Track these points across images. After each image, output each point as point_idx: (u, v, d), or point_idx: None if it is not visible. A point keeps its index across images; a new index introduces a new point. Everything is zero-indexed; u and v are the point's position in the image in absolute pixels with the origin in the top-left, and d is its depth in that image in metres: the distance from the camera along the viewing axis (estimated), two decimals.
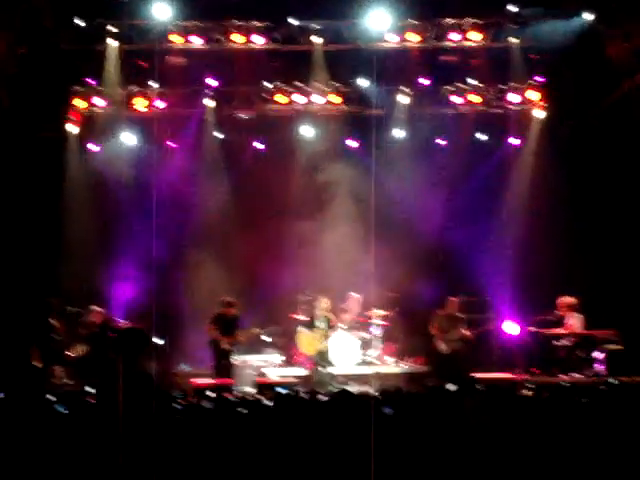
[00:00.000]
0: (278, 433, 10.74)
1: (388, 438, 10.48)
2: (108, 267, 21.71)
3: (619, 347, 19.39)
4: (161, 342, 22.25)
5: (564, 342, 19.65)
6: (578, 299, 20.03)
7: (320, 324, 20.27)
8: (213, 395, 14.26)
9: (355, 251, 22.46)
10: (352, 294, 22.10)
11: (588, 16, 19.66)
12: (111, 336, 19.05)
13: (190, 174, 23.10)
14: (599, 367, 19.21)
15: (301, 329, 20.86)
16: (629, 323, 20.29)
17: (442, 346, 20.57)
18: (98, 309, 19.96)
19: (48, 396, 12.61)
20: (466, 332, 20.52)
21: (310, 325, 20.43)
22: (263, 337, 21.57)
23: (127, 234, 22.26)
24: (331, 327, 20.34)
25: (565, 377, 18.68)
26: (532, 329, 20.00)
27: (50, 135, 21.99)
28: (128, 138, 22.70)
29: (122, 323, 20.35)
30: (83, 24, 19.80)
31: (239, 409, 12.04)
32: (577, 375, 18.97)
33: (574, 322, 19.79)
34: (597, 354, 19.31)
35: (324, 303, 20.46)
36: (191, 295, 21.81)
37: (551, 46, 21.81)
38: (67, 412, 11.19)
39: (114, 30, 20.82)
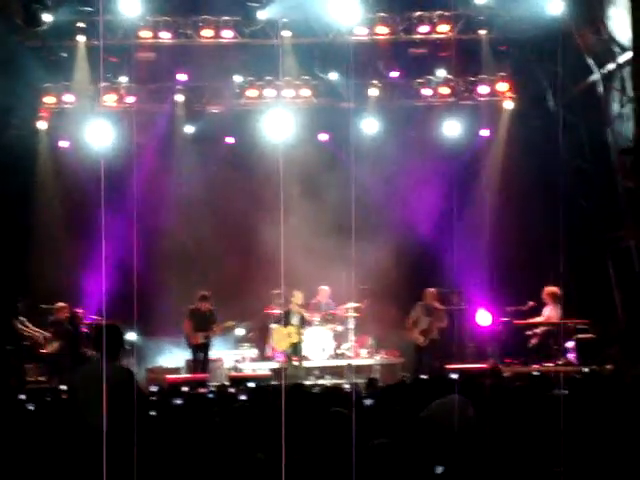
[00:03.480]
0: (252, 427, 10.74)
1: (365, 431, 10.50)
2: (80, 264, 21.61)
3: (591, 336, 19.51)
4: (135, 338, 22.29)
5: (536, 331, 19.76)
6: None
7: (294, 319, 20.30)
8: (187, 390, 14.31)
9: (327, 243, 22.53)
10: (322, 287, 22.17)
11: (556, 7, 19.72)
12: (85, 332, 19.04)
13: (161, 169, 23.07)
14: (571, 356, 19.34)
15: (274, 324, 20.91)
16: (602, 312, 20.43)
17: (419, 338, 20.60)
18: (64, 305, 19.89)
19: (21, 395, 12.61)
20: (442, 323, 20.57)
21: (284, 320, 20.45)
22: (237, 331, 21.60)
23: (98, 230, 22.14)
24: (305, 322, 20.35)
25: (537, 367, 18.77)
26: (505, 319, 20.10)
27: (20, 132, 21.91)
28: (98, 134, 22.61)
29: (93, 319, 20.30)
30: (51, 20, 19.63)
31: (213, 404, 12.04)
32: (549, 364, 19.07)
33: (550, 312, 19.88)
34: (569, 343, 19.42)
35: (297, 297, 20.49)
36: (165, 290, 21.74)
37: (520, 37, 21.93)
38: (39, 409, 11.17)
39: (83, 26, 20.71)
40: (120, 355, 9.91)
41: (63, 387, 14.72)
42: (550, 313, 19.93)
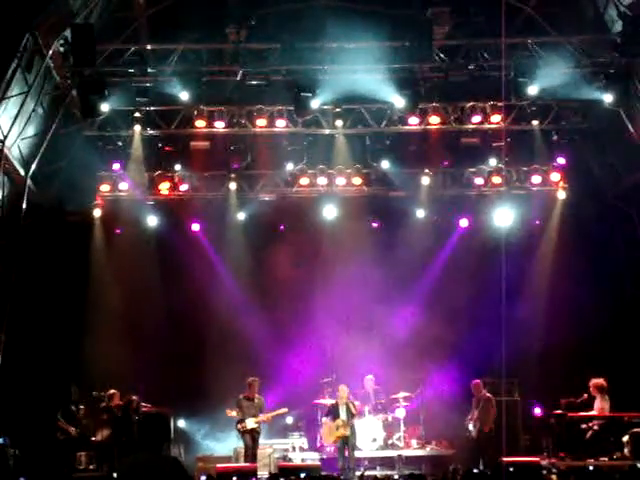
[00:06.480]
0: None
1: None
2: (133, 350, 21.70)
3: None
4: (185, 425, 22.26)
5: (592, 425, 19.36)
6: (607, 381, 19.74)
7: (342, 413, 20.06)
8: None
9: (378, 332, 22.50)
10: (368, 377, 22.00)
11: (609, 98, 19.70)
12: (135, 420, 18.97)
13: (213, 256, 23.22)
14: (627, 450, 18.87)
15: (325, 418, 20.75)
16: None
17: (472, 431, 20.34)
18: (115, 392, 19.88)
19: None
20: (490, 411, 20.31)
21: (332, 413, 20.24)
22: (287, 420, 21.45)
23: (151, 316, 22.33)
24: (353, 414, 20.08)
25: (592, 461, 18.36)
26: (559, 412, 19.75)
27: (77, 220, 22.19)
28: (152, 221, 22.91)
29: (145, 406, 20.30)
30: (108, 110, 19.98)
31: None
32: (605, 459, 18.65)
33: (603, 404, 19.50)
34: (624, 437, 18.97)
35: (342, 391, 20.26)
36: (215, 377, 21.71)
37: (572, 127, 21.95)
38: None
39: (139, 116, 21.06)
40: (166, 445, 9.78)
41: (114, 475, 14.71)
42: (601, 405, 19.54)
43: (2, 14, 17.01)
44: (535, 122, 21.65)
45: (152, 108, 21.07)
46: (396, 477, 16.60)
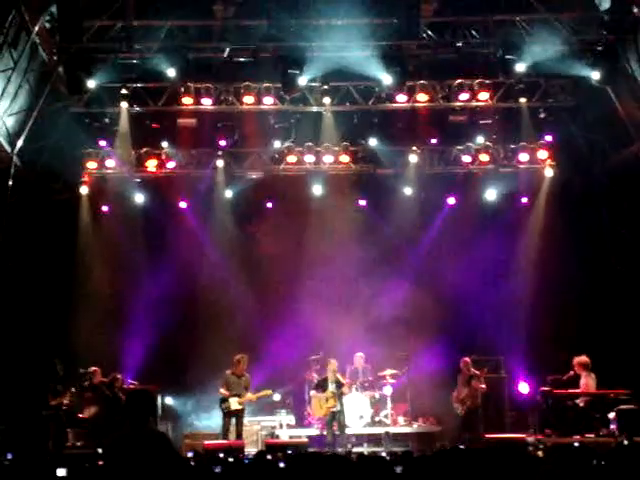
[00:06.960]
0: None
1: None
2: (119, 327, 21.69)
3: (633, 406, 19.13)
4: (173, 402, 22.27)
5: (578, 402, 19.44)
6: (591, 358, 19.79)
7: (331, 385, 20.15)
8: (224, 457, 14.16)
9: (365, 310, 22.49)
10: (358, 353, 22.03)
11: (597, 75, 19.66)
12: (121, 397, 18.97)
13: (200, 234, 23.19)
14: (613, 427, 18.94)
15: (313, 392, 20.78)
16: None
17: (457, 407, 20.45)
18: (96, 369, 19.85)
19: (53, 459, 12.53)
20: (481, 386, 20.41)
21: (321, 386, 20.31)
22: (274, 397, 21.45)
23: (137, 294, 22.30)
24: (342, 388, 20.17)
25: (579, 437, 18.43)
26: (545, 389, 19.80)
27: (63, 197, 22.16)
28: (139, 198, 22.87)
29: (130, 384, 20.31)
30: (95, 86, 19.85)
31: (251, 471, 11.92)
32: (591, 435, 18.72)
33: (588, 382, 19.55)
34: (611, 414, 19.04)
35: (332, 365, 20.34)
36: (202, 351, 21.73)
37: (560, 105, 21.93)
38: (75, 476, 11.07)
39: (126, 93, 20.95)
40: (153, 420, 9.79)
41: (100, 451, 14.68)
42: (586, 382, 19.59)
43: None
44: (523, 99, 21.54)
45: (139, 85, 20.98)
46: (383, 454, 16.60)
